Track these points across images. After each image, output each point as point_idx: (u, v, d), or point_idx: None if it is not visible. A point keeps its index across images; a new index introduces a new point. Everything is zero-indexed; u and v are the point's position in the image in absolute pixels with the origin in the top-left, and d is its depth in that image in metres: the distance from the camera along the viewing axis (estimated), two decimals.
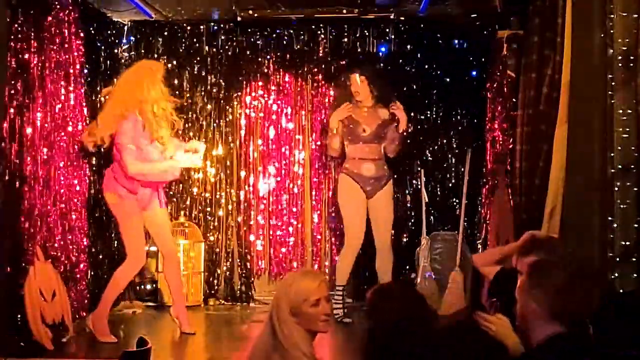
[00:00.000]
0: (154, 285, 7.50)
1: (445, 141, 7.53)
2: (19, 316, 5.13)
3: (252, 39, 7.65)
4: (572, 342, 2.87)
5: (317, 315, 2.86)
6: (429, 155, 7.52)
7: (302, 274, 3.04)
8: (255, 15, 7.18)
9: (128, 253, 5.78)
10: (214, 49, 7.65)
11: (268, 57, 7.66)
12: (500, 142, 6.25)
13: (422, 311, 2.77)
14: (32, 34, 5.46)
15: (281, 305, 2.87)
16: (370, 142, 6.58)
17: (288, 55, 7.65)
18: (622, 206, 4.08)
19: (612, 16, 4.15)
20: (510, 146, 5.82)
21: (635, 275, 4.00)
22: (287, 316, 2.85)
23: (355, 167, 6.59)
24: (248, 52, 7.66)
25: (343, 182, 6.67)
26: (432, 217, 7.41)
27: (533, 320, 2.88)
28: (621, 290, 3.98)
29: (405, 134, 6.70)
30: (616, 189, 4.09)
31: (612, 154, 4.11)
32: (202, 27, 7.62)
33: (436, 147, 7.55)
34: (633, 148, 4.10)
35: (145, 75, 5.74)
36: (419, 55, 7.58)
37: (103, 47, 7.25)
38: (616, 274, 4.04)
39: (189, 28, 7.62)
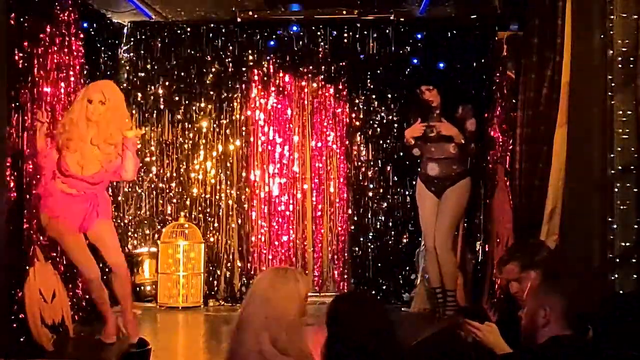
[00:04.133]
0: (154, 286, 7.51)
1: None
2: (19, 317, 5.13)
3: (252, 40, 7.66)
4: (572, 343, 2.89)
5: (306, 312, 2.96)
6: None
7: (297, 274, 3.00)
8: (255, 16, 7.19)
9: (79, 270, 5.62)
10: (214, 50, 7.66)
11: (268, 58, 7.67)
12: (500, 143, 6.25)
13: (384, 330, 2.72)
14: (32, 35, 5.46)
15: (292, 305, 2.84)
16: (437, 142, 6.53)
17: (288, 57, 7.67)
18: (621, 207, 4.06)
19: (612, 17, 4.14)
20: (510, 147, 5.82)
21: (635, 276, 3.99)
22: (298, 317, 2.86)
23: (422, 167, 6.63)
24: (248, 53, 7.67)
25: (417, 184, 6.73)
26: None
27: (542, 324, 2.96)
28: (621, 291, 3.98)
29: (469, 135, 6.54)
30: (616, 189, 4.07)
31: (612, 155, 4.10)
32: (202, 28, 7.63)
33: None
34: (633, 149, 4.09)
35: (80, 93, 5.56)
36: (418, 56, 7.60)
37: (103, 48, 7.27)
38: (616, 275, 4.03)
39: (188, 29, 7.63)
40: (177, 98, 7.68)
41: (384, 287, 7.52)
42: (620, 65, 4.12)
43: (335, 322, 2.71)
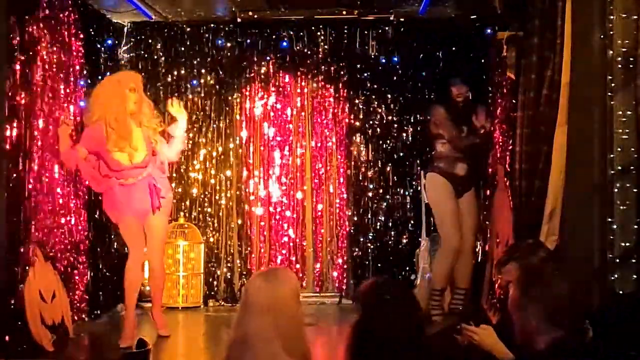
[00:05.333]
0: None
1: None
2: (19, 317, 5.13)
3: (252, 41, 7.66)
4: (573, 345, 2.87)
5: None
6: (429, 156, 7.52)
7: (286, 271, 3.00)
8: (255, 16, 7.20)
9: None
10: (214, 51, 7.67)
11: (268, 58, 7.68)
12: (500, 144, 6.25)
13: (414, 317, 2.73)
14: (32, 36, 5.46)
15: (297, 304, 2.82)
16: (467, 141, 6.50)
17: (288, 57, 7.67)
18: (621, 207, 4.07)
19: (612, 17, 4.14)
20: (510, 147, 5.82)
21: (635, 276, 4.00)
22: (302, 315, 2.85)
23: (449, 166, 6.52)
24: (248, 54, 7.68)
25: (438, 184, 6.54)
26: (431, 218, 7.40)
27: (534, 332, 2.88)
28: (621, 291, 3.98)
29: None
30: (616, 190, 4.08)
31: (612, 155, 4.10)
32: (202, 28, 7.63)
33: None
34: (633, 149, 4.09)
35: (110, 87, 5.67)
36: (418, 57, 7.60)
37: (103, 49, 7.26)
38: (616, 275, 4.03)
39: (188, 29, 7.63)
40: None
41: None
42: (620, 65, 4.12)
43: (370, 305, 2.71)
